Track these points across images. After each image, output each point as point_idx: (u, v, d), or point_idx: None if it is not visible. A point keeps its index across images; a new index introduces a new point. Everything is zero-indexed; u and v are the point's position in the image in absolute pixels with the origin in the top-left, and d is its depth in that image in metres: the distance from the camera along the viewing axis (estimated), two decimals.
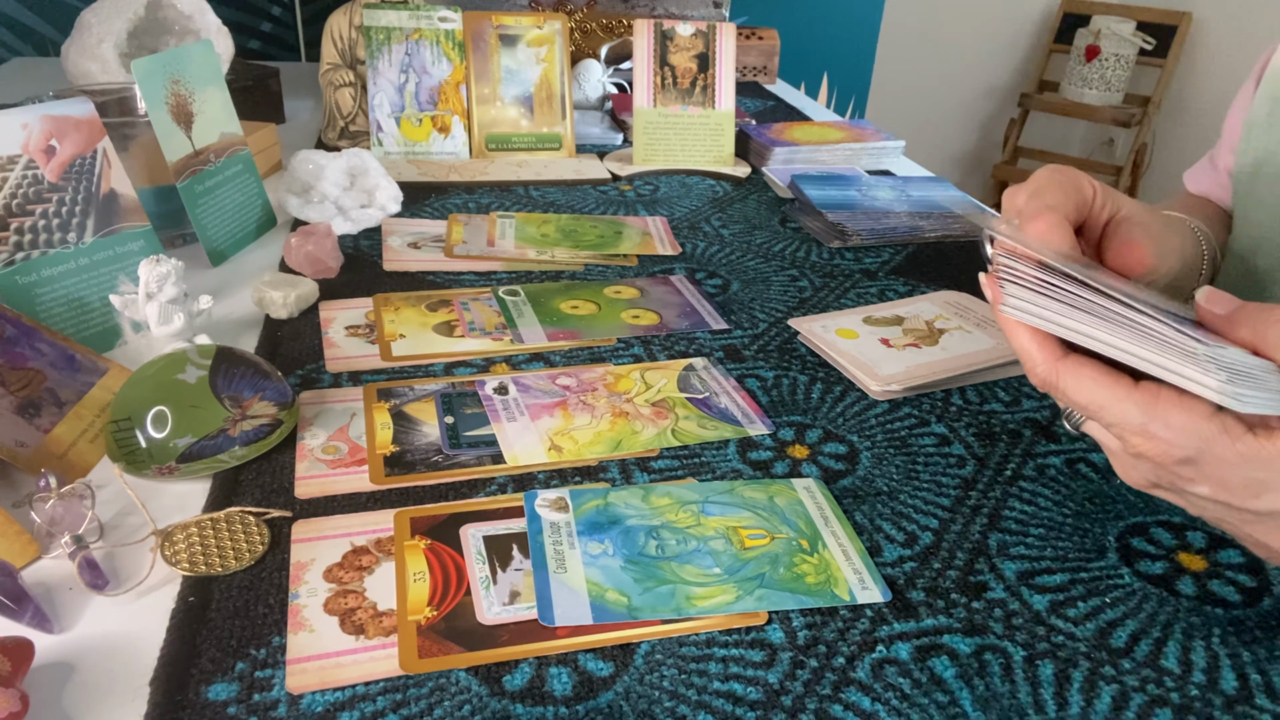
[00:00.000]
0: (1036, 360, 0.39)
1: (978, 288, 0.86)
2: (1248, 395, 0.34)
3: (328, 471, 0.56)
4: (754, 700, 0.42)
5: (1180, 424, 0.36)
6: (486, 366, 0.70)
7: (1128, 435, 0.38)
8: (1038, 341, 0.39)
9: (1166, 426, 0.36)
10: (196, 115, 0.84)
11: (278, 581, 0.48)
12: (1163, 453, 0.37)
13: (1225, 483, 0.37)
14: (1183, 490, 0.39)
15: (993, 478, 0.59)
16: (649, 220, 1.02)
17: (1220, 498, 0.38)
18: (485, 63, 1.17)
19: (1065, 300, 0.37)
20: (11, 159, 0.66)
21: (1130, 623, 0.48)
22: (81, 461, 0.56)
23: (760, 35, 1.70)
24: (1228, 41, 2.89)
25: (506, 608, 0.47)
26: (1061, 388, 0.38)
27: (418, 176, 1.09)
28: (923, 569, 0.51)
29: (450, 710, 0.41)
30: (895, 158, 1.26)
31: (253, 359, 0.62)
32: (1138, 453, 0.38)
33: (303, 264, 0.82)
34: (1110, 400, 0.37)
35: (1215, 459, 0.36)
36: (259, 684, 0.42)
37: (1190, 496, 0.39)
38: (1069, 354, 0.38)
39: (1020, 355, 0.40)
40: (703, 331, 0.77)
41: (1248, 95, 0.72)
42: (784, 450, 0.61)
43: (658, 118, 1.17)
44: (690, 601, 0.48)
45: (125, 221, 0.72)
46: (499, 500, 0.55)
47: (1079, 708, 0.43)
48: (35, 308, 0.66)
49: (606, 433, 0.62)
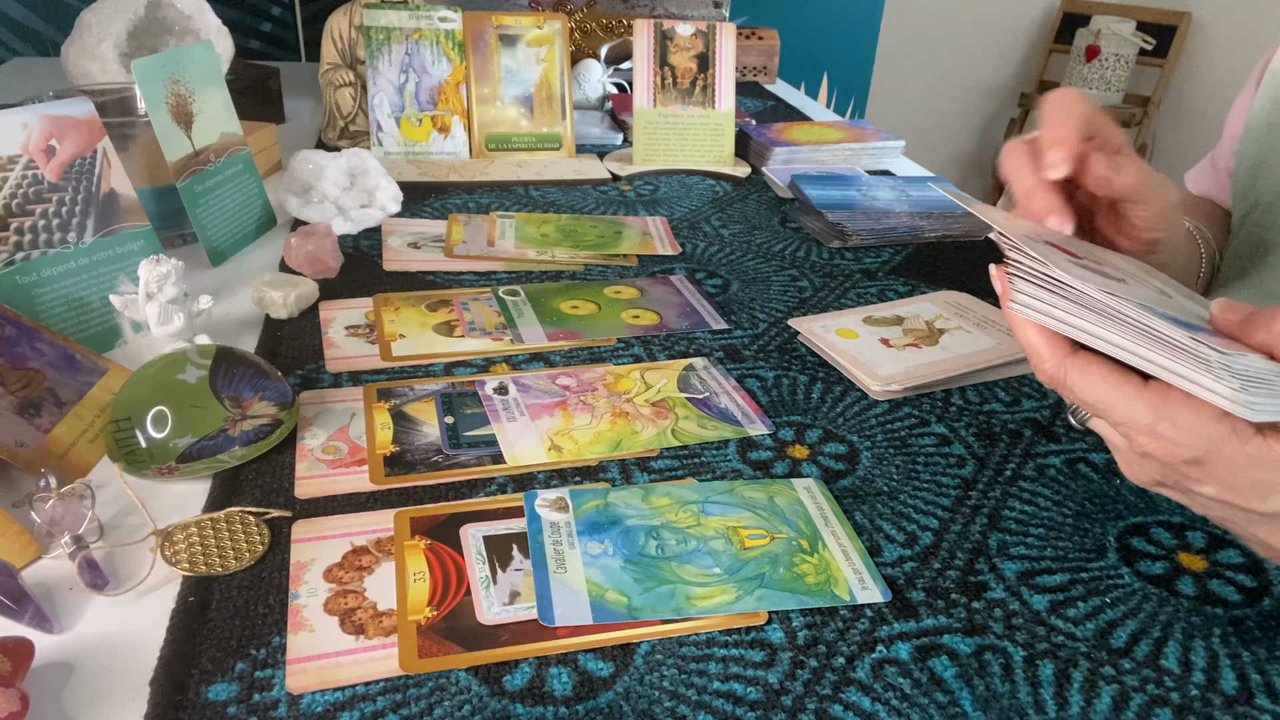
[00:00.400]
0: (1044, 356, 0.38)
1: (977, 288, 0.86)
2: (1260, 403, 0.33)
3: (328, 471, 0.56)
4: (754, 700, 0.42)
5: (1189, 424, 0.35)
6: (486, 366, 0.70)
7: (1135, 434, 0.37)
8: (1045, 337, 0.38)
9: (1175, 426, 0.36)
10: (196, 115, 0.84)
11: (278, 581, 0.48)
12: (1170, 453, 0.37)
13: (1232, 484, 0.37)
14: (1188, 490, 0.39)
15: (993, 478, 0.59)
16: (649, 220, 1.02)
17: (1227, 498, 0.38)
18: (485, 63, 1.17)
19: (1075, 299, 0.36)
20: (11, 159, 0.66)
21: (1130, 623, 0.48)
22: (81, 461, 0.56)
23: (760, 35, 1.70)
24: (1228, 41, 2.89)
25: (506, 608, 0.47)
26: (1069, 385, 0.38)
27: (418, 176, 1.09)
28: (923, 569, 0.51)
29: (450, 710, 0.41)
30: (895, 158, 1.26)
31: (253, 359, 0.62)
32: (1144, 451, 0.38)
33: (303, 264, 0.82)
34: (1118, 399, 0.37)
35: (1223, 460, 0.36)
36: (259, 684, 0.42)
37: (1196, 496, 0.39)
38: (1077, 350, 0.38)
39: (1027, 350, 0.39)
40: (703, 331, 0.77)
41: (1248, 96, 0.72)
42: (784, 450, 0.61)
43: (658, 118, 1.17)
44: (690, 601, 0.48)
45: (125, 221, 0.72)
46: (499, 500, 0.55)
47: (1079, 708, 0.43)
48: (35, 308, 0.66)
49: (606, 433, 0.62)
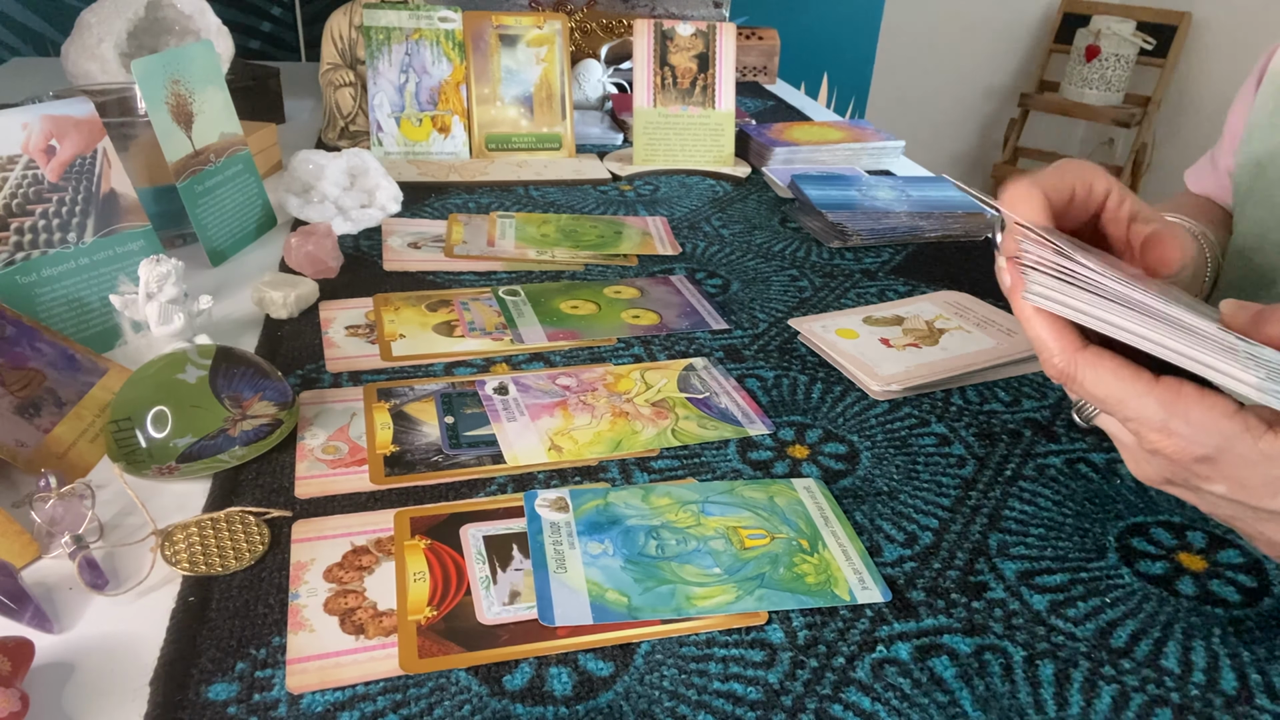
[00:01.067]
0: (1054, 351, 0.37)
1: (977, 287, 0.86)
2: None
3: (328, 471, 0.56)
4: (754, 700, 0.42)
5: (1201, 421, 0.35)
6: (486, 366, 0.70)
7: (1146, 431, 0.37)
8: (1055, 331, 0.37)
9: (1187, 423, 0.35)
10: (196, 115, 0.84)
11: (278, 581, 0.48)
12: (1182, 450, 0.36)
13: (1244, 481, 0.36)
14: (1197, 488, 0.39)
15: (993, 478, 0.59)
16: (649, 220, 1.02)
17: (1237, 496, 0.37)
18: (485, 63, 1.17)
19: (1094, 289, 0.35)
20: (11, 159, 0.66)
21: (1130, 623, 0.48)
22: (81, 461, 0.56)
23: (760, 35, 1.70)
24: (1228, 41, 2.89)
25: (506, 608, 0.47)
26: (1080, 380, 0.37)
27: (418, 176, 1.09)
28: (923, 569, 0.51)
29: (450, 710, 0.41)
30: (895, 158, 1.26)
31: (253, 359, 0.62)
32: (1154, 449, 0.37)
33: (303, 264, 0.82)
34: (1130, 394, 0.36)
35: (1235, 457, 0.35)
36: (259, 684, 0.42)
37: (1204, 494, 0.39)
38: (1088, 345, 0.37)
39: (1036, 345, 0.38)
40: (703, 331, 0.77)
41: (1249, 95, 0.72)
42: (784, 450, 0.61)
43: (658, 118, 1.17)
44: (690, 601, 0.48)
45: (125, 221, 0.72)
46: (499, 500, 0.55)
47: (1079, 708, 0.43)
48: (35, 308, 0.66)
49: (606, 433, 0.62)
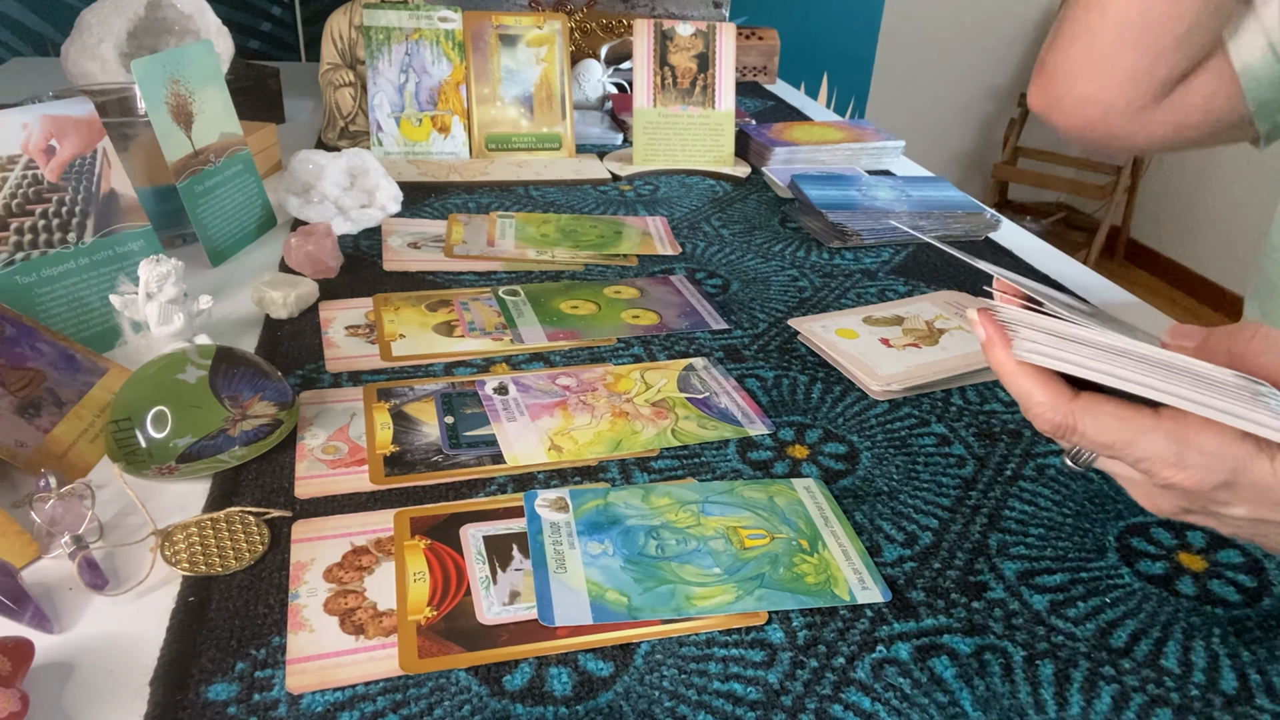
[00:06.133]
0: (1045, 405, 0.36)
1: (978, 287, 0.86)
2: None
3: (328, 471, 0.56)
4: (754, 700, 0.42)
5: (1213, 449, 0.35)
6: (486, 366, 0.70)
7: (1159, 469, 0.36)
8: (1043, 384, 0.36)
9: (1201, 453, 0.35)
10: (196, 115, 0.84)
11: (278, 581, 0.48)
12: (1200, 480, 0.35)
13: (1264, 500, 0.36)
14: (1216, 513, 0.38)
15: (993, 478, 0.59)
16: (649, 220, 1.02)
17: (1260, 515, 0.37)
18: (485, 63, 1.17)
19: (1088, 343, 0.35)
20: (11, 159, 0.66)
21: (1130, 623, 0.48)
22: (81, 461, 0.56)
23: (760, 35, 1.70)
24: None
25: (506, 608, 0.47)
26: (1080, 430, 0.36)
27: (418, 176, 1.09)
28: (923, 569, 0.51)
29: (450, 710, 0.41)
30: (895, 158, 1.26)
31: (253, 359, 0.62)
32: (1169, 483, 0.36)
33: (303, 264, 0.82)
34: (1137, 434, 0.35)
35: (1253, 479, 0.35)
36: (259, 684, 0.42)
37: (1225, 518, 0.38)
38: (1081, 393, 0.36)
39: (1022, 400, 0.37)
40: (703, 331, 0.77)
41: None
42: (784, 450, 0.61)
43: (658, 118, 1.17)
44: (690, 601, 0.48)
45: (125, 221, 0.72)
46: (499, 500, 0.55)
47: (1079, 708, 0.43)
48: (35, 308, 0.66)
49: (606, 433, 0.62)
